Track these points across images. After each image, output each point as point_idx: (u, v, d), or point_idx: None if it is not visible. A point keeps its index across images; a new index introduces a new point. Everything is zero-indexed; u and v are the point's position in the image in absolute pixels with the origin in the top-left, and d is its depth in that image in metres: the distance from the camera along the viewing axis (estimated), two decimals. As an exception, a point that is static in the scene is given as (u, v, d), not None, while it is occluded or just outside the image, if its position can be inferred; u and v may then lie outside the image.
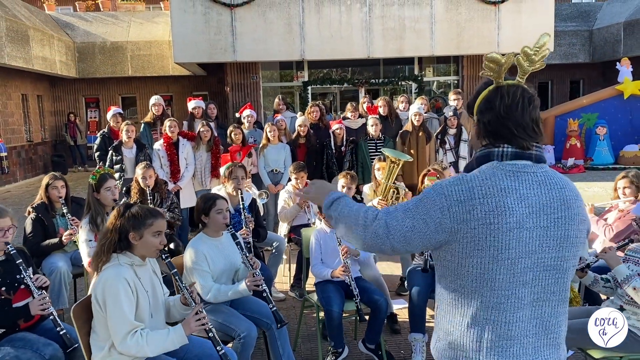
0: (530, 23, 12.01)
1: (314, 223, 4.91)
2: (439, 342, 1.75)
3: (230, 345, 3.18)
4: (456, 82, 13.81)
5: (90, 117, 16.71)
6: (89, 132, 16.52)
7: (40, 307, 3.14)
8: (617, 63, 13.40)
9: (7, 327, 3.09)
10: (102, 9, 17.51)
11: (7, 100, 13.20)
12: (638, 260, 2.92)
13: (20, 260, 3.18)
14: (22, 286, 3.20)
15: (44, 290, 3.22)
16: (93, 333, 2.70)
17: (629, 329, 2.85)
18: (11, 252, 3.17)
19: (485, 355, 1.64)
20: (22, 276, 3.18)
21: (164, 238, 2.68)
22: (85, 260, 3.98)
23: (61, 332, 3.12)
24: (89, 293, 3.37)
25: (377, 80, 13.48)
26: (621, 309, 2.90)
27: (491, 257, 1.57)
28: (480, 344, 1.64)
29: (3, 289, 3.12)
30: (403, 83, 13.60)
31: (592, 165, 12.39)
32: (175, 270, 2.71)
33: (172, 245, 4.87)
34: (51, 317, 3.18)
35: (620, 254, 3.06)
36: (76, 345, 3.09)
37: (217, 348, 2.67)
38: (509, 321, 1.61)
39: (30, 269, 3.28)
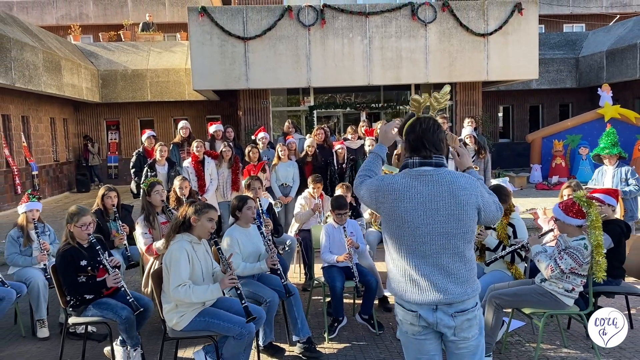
0: (516, 53, 13.21)
1: (324, 222, 5.96)
2: (387, 278, 2.71)
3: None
4: (451, 106, 14.95)
5: (111, 139, 17.94)
6: (109, 153, 17.76)
7: (114, 281, 4.22)
8: (599, 89, 14.55)
9: (94, 294, 4.17)
10: (123, 39, 18.87)
11: (38, 124, 14.44)
12: (559, 245, 3.99)
13: (99, 247, 4.27)
14: (102, 266, 4.29)
15: (116, 269, 4.31)
16: (163, 293, 3.78)
17: (550, 292, 3.90)
18: (92, 241, 4.27)
19: (408, 285, 2.53)
20: (100, 258, 4.27)
21: (214, 224, 3.78)
22: (142, 247, 5.05)
23: (130, 300, 4.19)
24: (144, 278, 4.49)
25: (377, 104, 14.65)
26: (545, 279, 3.95)
27: (397, 226, 2.53)
28: (405, 278, 2.55)
29: (89, 268, 4.21)
30: (401, 107, 14.75)
31: (575, 182, 13.40)
32: (220, 246, 3.82)
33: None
34: (122, 289, 4.25)
35: (546, 238, 4.14)
36: (141, 309, 4.17)
37: (242, 302, 3.73)
38: (417, 266, 2.50)
39: (106, 252, 4.36)
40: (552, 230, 4.41)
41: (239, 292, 3.74)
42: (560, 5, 23.32)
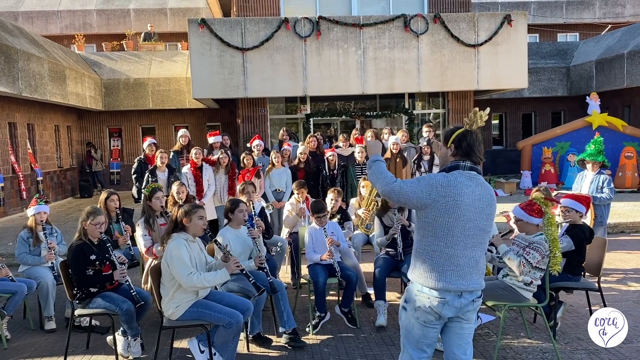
0: (506, 63, 13.63)
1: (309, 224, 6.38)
2: (415, 269, 2.95)
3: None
4: (443, 114, 15.39)
5: (113, 146, 18.41)
6: (112, 159, 18.22)
7: (120, 276, 4.64)
8: (587, 97, 14.98)
9: (99, 287, 4.59)
10: (126, 49, 19.37)
11: (43, 131, 14.91)
12: (520, 243, 4.40)
13: (109, 244, 4.70)
14: (108, 262, 4.71)
15: (123, 265, 4.73)
16: (162, 285, 4.19)
17: (510, 286, 4.31)
18: (103, 239, 4.70)
19: (445, 274, 2.84)
20: (109, 255, 4.69)
21: (206, 222, 4.20)
22: (143, 249, 5.47)
23: (133, 293, 4.61)
24: (144, 275, 4.88)
25: (372, 112, 15.09)
26: (506, 274, 4.36)
27: (454, 218, 2.83)
28: (442, 268, 2.86)
29: (97, 262, 4.63)
30: (395, 115, 15.19)
31: (563, 188, 13.81)
32: (216, 239, 4.28)
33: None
34: (126, 283, 4.67)
35: (509, 238, 4.55)
36: (142, 303, 4.59)
37: (249, 279, 4.20)
38: (458, 255, 2.84)
39: (114, 250, 4.78)
40: (512, 230, 4.82)
41: (244, 272, 4.20)
42: (554, 17, 23.80)
